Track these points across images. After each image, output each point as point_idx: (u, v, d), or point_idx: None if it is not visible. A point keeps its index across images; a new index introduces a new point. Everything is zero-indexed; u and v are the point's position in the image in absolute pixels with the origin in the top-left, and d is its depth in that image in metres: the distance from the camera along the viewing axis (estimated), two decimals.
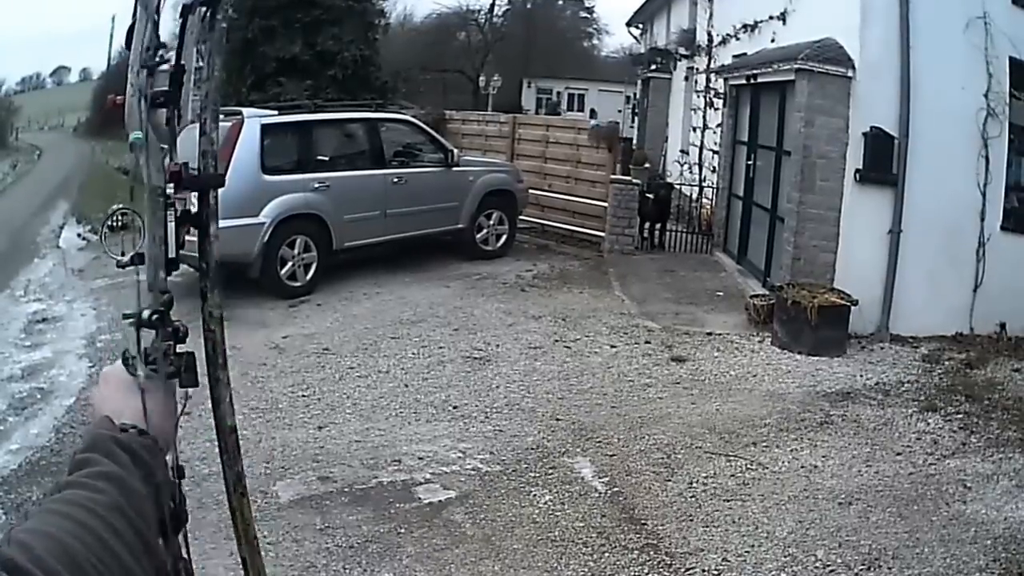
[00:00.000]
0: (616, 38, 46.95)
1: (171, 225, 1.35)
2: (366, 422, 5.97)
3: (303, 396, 6.53)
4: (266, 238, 8.84)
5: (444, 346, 7.43)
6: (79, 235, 16.63)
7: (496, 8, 42.20)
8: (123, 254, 1.39)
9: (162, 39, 1.38)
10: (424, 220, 10.36)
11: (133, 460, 1.10)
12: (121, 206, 6.36)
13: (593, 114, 31.65)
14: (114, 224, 7.86)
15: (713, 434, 5.42)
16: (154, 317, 1.32)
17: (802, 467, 4.98)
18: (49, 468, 5.83)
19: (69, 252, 14.81)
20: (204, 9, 1.39)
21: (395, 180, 10.04)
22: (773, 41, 9.86)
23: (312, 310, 8.90)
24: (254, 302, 8.88)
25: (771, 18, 10.09)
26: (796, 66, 7.92)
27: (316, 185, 9.34)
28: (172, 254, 1.38)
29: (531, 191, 11.88)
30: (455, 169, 10.56)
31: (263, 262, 8.91)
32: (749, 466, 4.99)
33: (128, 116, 1.35)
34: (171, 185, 1.35)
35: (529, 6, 42.83)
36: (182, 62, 1.39)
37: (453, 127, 14.66)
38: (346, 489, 5.00)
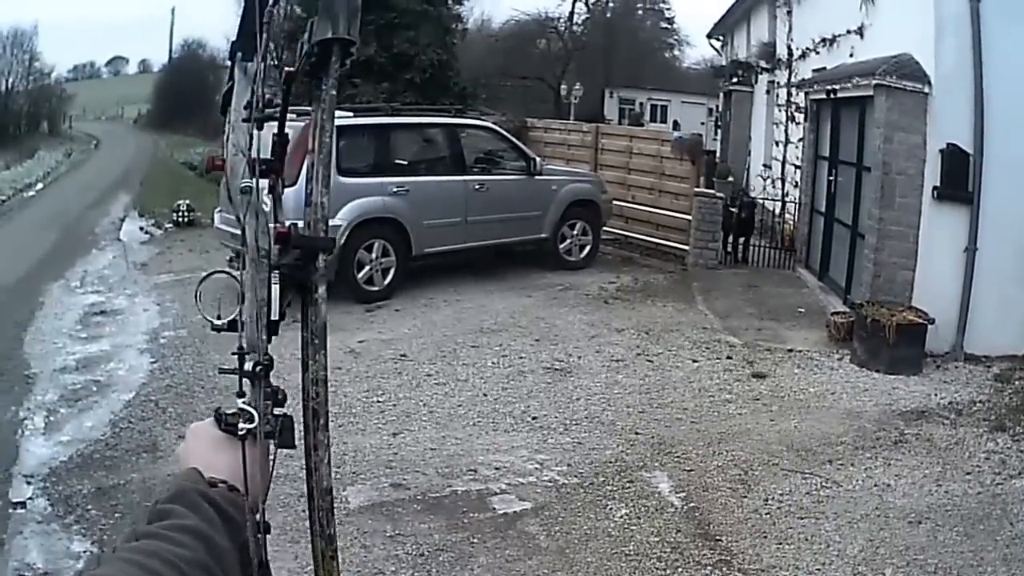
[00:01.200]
0: (697, 49, 47.42)
1: (275, 288, 1.34)
2: (442, 430, 6.22)
3: (378, 402, 6.83)
4: (342, 240, 9.04)
5: (525, 356, 7.76)
6: (142, 228, 17.05)
7: (575, 16, 44.02)
8: (219, 317, 1.36)
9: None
10: (506, 228, 10.68)
11: (220, 516, 1.07)
12: (187, 201, 9.72)
13: (676, 126, 32.54)
14: (180, 219, 12.48)
15: (790, 451, 5.72)
16: (257, 368, 1.30)
17: (875, 486, 5.27)
18: (103, 462, 6.07)
19: (131, 245, 15.26)
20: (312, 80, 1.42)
21: (476, 187, 10.35)
22: (852, 56, 10.20)
23: (390, 315, 9.26)
24: (330, 305, 8.78)
25: (848, 32, 10.38)
26: (874, 82, 8.20)
27: (395, 189, 9.65)
28: (276, 316, 1.35)
29: (615, 202, 12.43)
30: (538, 178, 10.87)
31: (339, 265, 9.08)
32: (824, 484, 5.26)
33: (231, 176, 1.38)
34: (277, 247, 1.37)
35: (609, 15, 44.96)
36: (286, 131, 1.44)
37: (535, 135, 15.21)
38: (419, 497, 5.23)
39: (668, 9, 47.17)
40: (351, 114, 10.08)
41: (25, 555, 4.81)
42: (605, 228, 12.27)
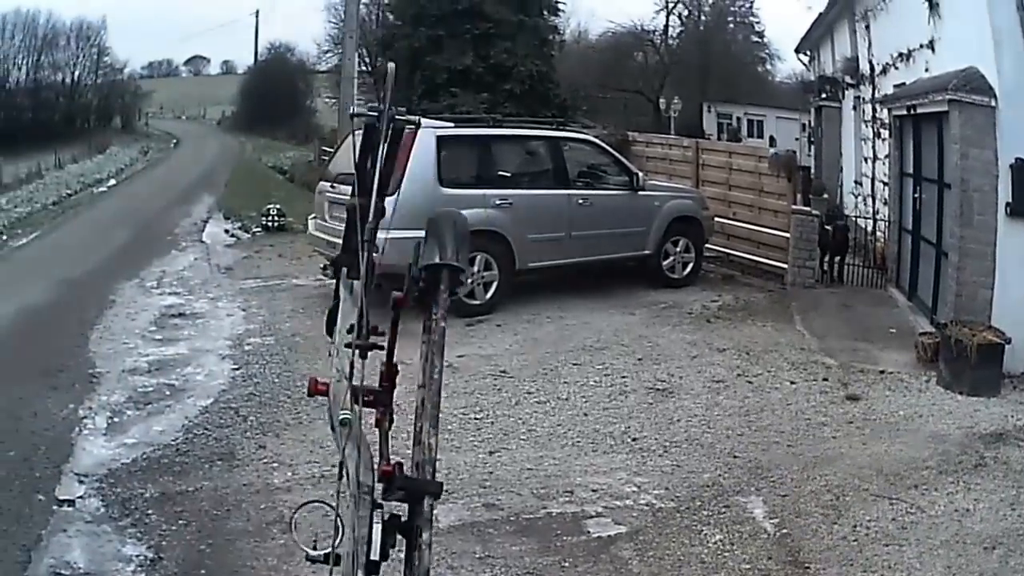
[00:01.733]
0: (787, 64, 51.61)
1: (376, 528, 1.49)
2: (540, 450, 6.71)
3: (475, 419, 7.32)
4: None
5: (627, 375, 8.41)
6: (227, 231, 18.06)
7: (670, 29, 50.37)
8: (315, 546, 1.52)
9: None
10: (609, 244, 11.74)
11: None
12: (277, 205, 11.81)
13: (772, 142, 36.56)
14: (269, 224, 13.76)
15: (880, 476, 6.27)
16: None
17: (955, 511, 5.77)
18: (171, 467, 6.36)
19: (214, 248, 16.13)
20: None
21: (580, 201, 11.41)
22: (927, 70, 11.20)
23: (491, 330, 10.01)
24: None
25: (921, 47, 11.45)
26: (947, 97, 9.03)
27: (497, 202, 10.65)
28: (376, 556, 1.47)
29: (716, 219, 13.64)
30: (641, 193, 11.99)
31: None
32: (909, 510, 5.77)
33: (332, 402, 1.61)
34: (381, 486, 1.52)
35: (702, 28, 50.69)
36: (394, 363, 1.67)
37: (637, 149, 16.85)
38: (512, 518, 5.61)
39: (758, 22, 52.65)
40: (452, 124, 11.12)
41: (65, 553, 5.06)
42: (707, 245, 13.30)
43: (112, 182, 31.36)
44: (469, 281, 10.30)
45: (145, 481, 6.07)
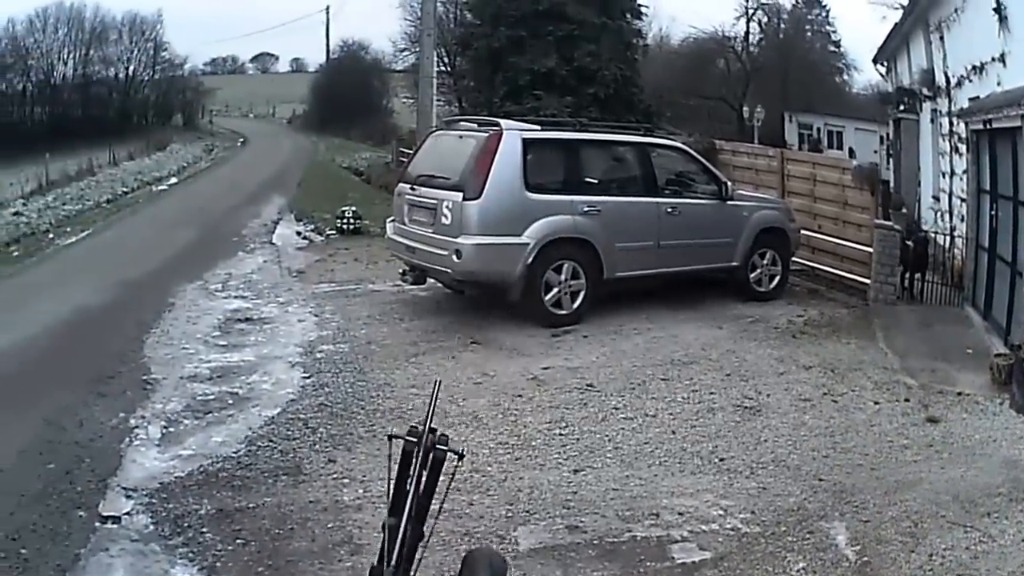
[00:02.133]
0: (864, 75, 54.31)
1: None
2: (627, 469, 6.89)
3: (560, 435, 7.51)
4: (529, 260, 10.58)
5: (715, 392, 8.71)
6: (299, 234, 18.36)
7: (751, 36, 53.25)
8: None
9: None
10: (698, 255, 12.25)
11: None
12: (353, 207, 12.20)
13: (851, 154, 37.36)
14: (344, 226, 18.16)
15: (956, 502, 6.46)
16: None
17: (1023, 540, 5.93)
18: (231, 482, 6.38)
19: (285, 250, 16.40)
20: None
21: (669, 210, 11.87)
22: (999, 84, 11.66)
23: (577, 342, 10.33)
24: (513, 328, 10.60)
25: (993, 60, 11.97)
26: (1020, 112, 9.34)
27: (586, 208, 11.05)
28: None
29: (801, 231, 14.26)
30: (729, 203, 12.50)
31: (525, 285, 10.68)
32: (981, 538, 5.93)
33: None
34: None
35: (781, 36, 53.78)
36: None
37: (723, 158, 17.68)
38: (595, 541, 5.73)
39: (834, 32, 55.41)
40: (538, 127, 11.64)
41: (107, 575, 5.07)
42: (792, 258, 13.83)
43: (173, 180, 32.18)
44: (556, 290, 10.83)
45: (201, 496, 6.08)
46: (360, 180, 31.48)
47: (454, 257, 10.21)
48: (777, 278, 13.04)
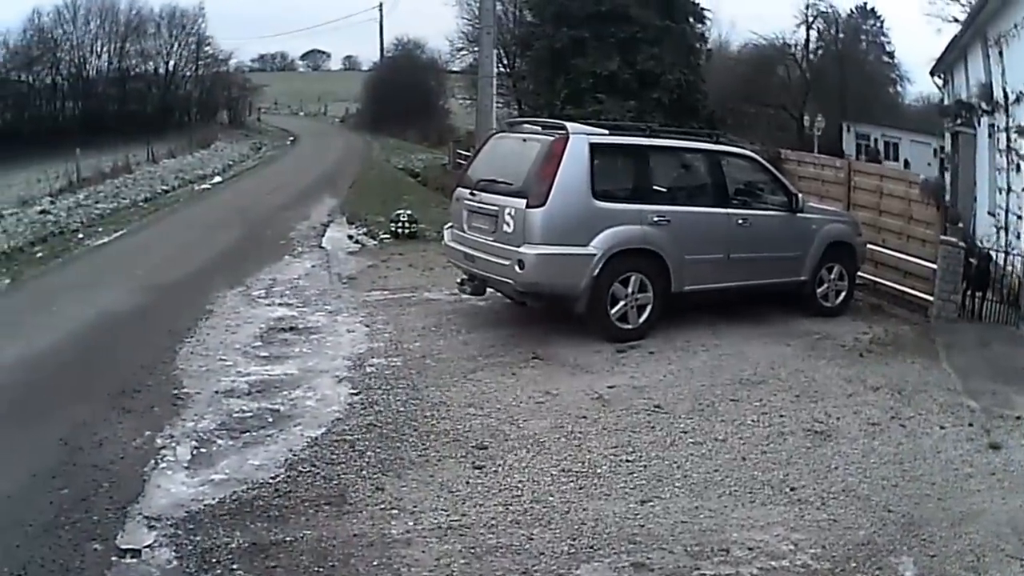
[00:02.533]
0: (916, 87, 58.42)
1: None
2: (696, 499, 6.85)
3: (627, 461, 7.44)
4: (596, 272, 10.63)
5: (785, 414, 8.74)
6: (351, 237, 18.27)
7: (811, 44, 56.34)
8: None
9: None
10: (767, 269, 12.44)
11: None
12: (408, 211, 18.33)
13: (907, 165, 40.20)
14: (399, 230, 18.26)
15: (1014, 535, 6.52)
16: None
17: None
18: (267, 511, 6.13)
19: (335, 255, 16.26)
20: None
21: (740, 221, 12.01)
22: None
23: (643, 358, 10.34)
24: (576, 342, 10.55)
25: None
26: None
27: (655, 218, 11.14)
28: None
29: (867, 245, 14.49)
30: (799, 216, 12.72)
31: (591, 298, 10.73)
32: None
33: None
34: None
35: (839, 47, 56.78)
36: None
37: (789, 168, 18.34)
38: None
39: (888, 43, 58.86)
40: (606, 131, 11.56)
41: None
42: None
43: (217, 179, 32.38)
44: (622, 304, 10.88)
45: (233, 528, 5.83)
46: (416, 182, 31.62)
47: (516, 267, 10.06)
48: (843, 293, 13.32)
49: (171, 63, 69.97)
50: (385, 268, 14.79)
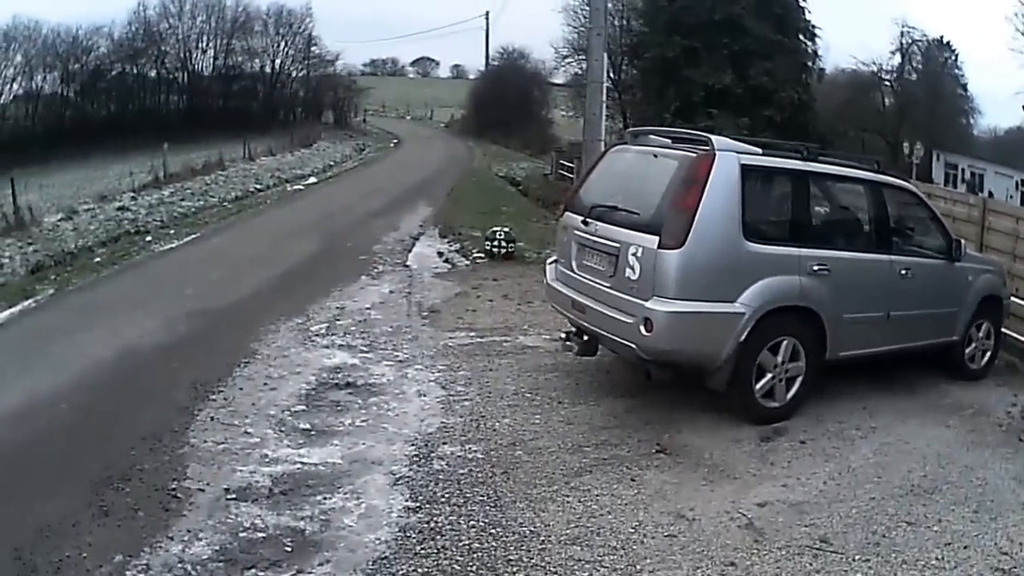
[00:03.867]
0: (986, 118, 59.40)
1: None
2: None
3: None
4: (743, 336, 8.26)
5: (968, 544, 6.73)
6: (440, 255, 15.98)
7: (905, 72, 56.00)
8: None
9: None
10: (924, 329, 10.42)
11: None
12: (506, 228, 16.89)
13: (990, 196, 40.16)
14: (495, 249, 16.06)
15: None
16: None
17: None
18: None
19: (420, 277, 13.91)
20: None
21: (903, 271, 9.92)
22: None
23: (794, 450, 8.06)
24: (711, 423, 8.32)
25: None
26: None
27: (814, 267, 8.85)
28: None
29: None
30: (957, 265, 10.70)
31: (734, 370, 8.36)
32: None
33: None
34: None
35: (919, 76, 57.07)
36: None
37: None
38: None
39: (962, 76, 58.51)
40: (759, 149, 8.99)
41: None
42: None
43: (312, 180, 30.91)
44: (769, 376, 8.60)
45: None
46: (516, 191, 29.88)
47: (641, 328, 7.55)
48: (988, 354, 11.41)
49: (277, 62, 69.68)
50: (475, 297, 12.31)
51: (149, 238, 17.30)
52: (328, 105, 72.52)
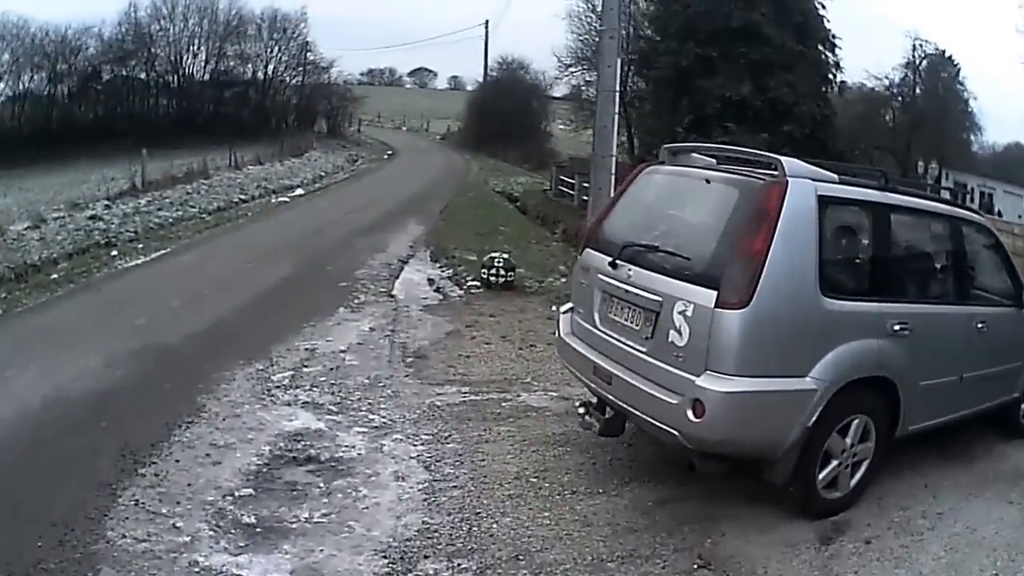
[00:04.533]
0: (986, 134, 57.82)
1: None
2: None
3: None
4: (813, 419, 6.41)
5: None
6: (431, 283, 14.33)
7: (915, 87, 54.46)
8: None
9: None
10: (991, 388, 8.71)
11: None
12: (504, 255, 14.87)
13: (1000, 216, 39.57)
14: (492, 278, 14.79)
15: None
16: None
17: None
18: None
19: (407, 310, 12.19)
20: None
21: (979, 325, 8.22)
22: None
23: (859, 554, 6.48)
24: (759, 526, 6.60)
25: None
26: None
27: (895, 326, 7.01)
28: None
29: None
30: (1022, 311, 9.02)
31: (798, 460, 6.54)
32: None
33: None
34: None
35: (921, 91, 55.79)
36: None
37: None
38: None
39: (964, 91, 57.00)
40: (835, 176, 7.00)
41: None
42: None
43: (299, 192, 29.49)
44: (835, 464, 6.87)
45: None
46: (514, 208, 28.56)
47: (689, 413, 5.76)
48: None
49: (270, 67, 68.27)
50: (469, 338, 10.59)
51: (115, 252, 15.76)
52: (322, 114, 71.25)
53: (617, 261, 6.66)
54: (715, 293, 5.78)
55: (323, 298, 12.31)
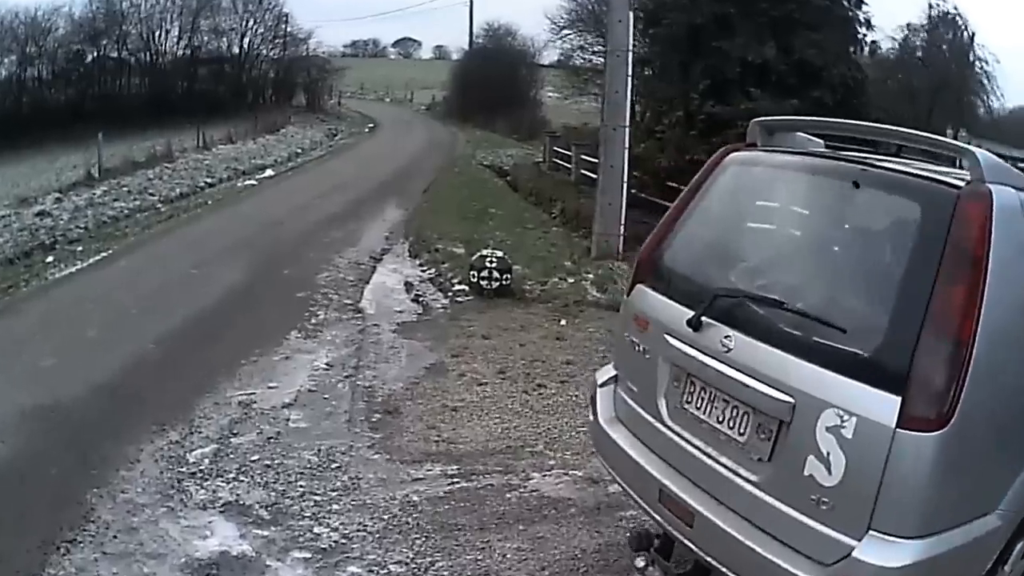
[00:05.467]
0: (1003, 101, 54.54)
1: None
2: None
3: None
4: (993, 560, 3.85)
5: None
6: (408, 287, 11.97)
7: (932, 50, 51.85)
8: None
9: None
10: None
11: None
12: (498, 252, 11.64)
13: None
14: (484, 281, 11.63)
15: None
16: None
17: None
18: None
19: (376, 333, 9.64)
20: None
21: None
22: None
23: None
24: None
25: None
26: None
27: None
28: None
29: None
30: None
31: None
32: None
33: None
34: None
35: (959, 53, 52.40)
36: None
37: None
38: None
39: (984, 53, 53.12)
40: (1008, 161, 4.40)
41: None
42: None
43: (269, 173, 27.03)
44: None
45: None
46: (505, 184, 26.34)
47: None
48: None
49: (246, 40, 65.10)
50: (456, 376, 8.08)
51: (51, 258, 13.47)
52: (300, 87, 68.62)
53: (703, 319, 3.91)
54: (898, 400, 3.17)
55: (272, 318, 9.93)
